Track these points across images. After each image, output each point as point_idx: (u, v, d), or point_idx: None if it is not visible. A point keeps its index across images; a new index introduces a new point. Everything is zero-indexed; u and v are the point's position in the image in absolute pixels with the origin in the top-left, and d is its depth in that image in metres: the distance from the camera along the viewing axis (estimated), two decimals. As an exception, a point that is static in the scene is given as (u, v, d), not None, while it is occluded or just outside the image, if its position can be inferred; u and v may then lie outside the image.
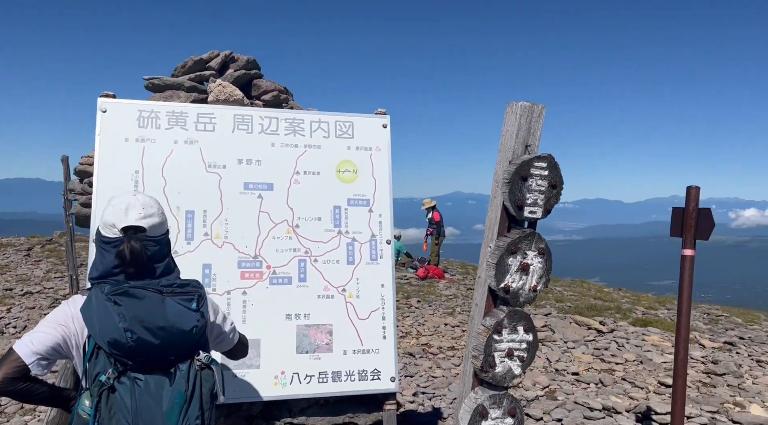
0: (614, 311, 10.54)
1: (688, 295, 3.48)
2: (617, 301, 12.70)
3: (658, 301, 14.11)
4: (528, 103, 2.27)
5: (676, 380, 3.48)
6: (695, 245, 3.42)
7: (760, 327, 11.15)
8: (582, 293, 13.92)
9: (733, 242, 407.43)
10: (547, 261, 2.33)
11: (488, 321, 2.26)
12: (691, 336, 8.69)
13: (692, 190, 3.40)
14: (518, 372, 2.30)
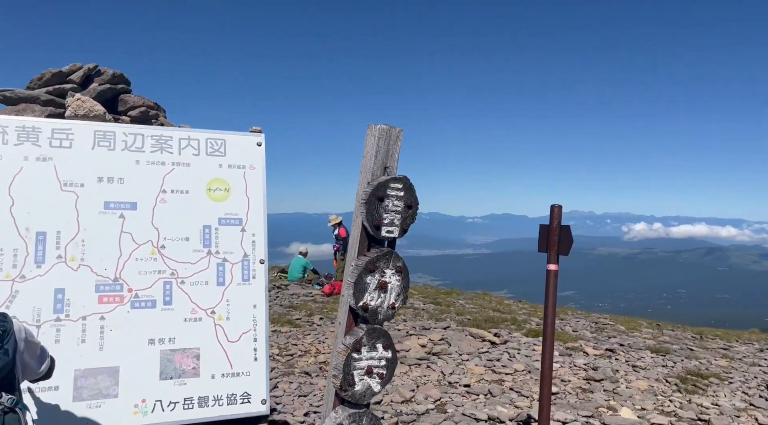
0: (510, 322, 10.98)
1: (552, 308, 3.69)
2: (515, 313, 13.26)
3: (552, 311, 14.90)
4: (386, 127, 2.34)
5: (542, 388, 3.67)
6: (558, 260, 3.64)
7: (640, 333, 12.06)
8: (483, 305, 14.41)
9: (626, 254, 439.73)
10: (404, 279, 2.39)
11: (348, 340, 2.29)
12: (576, 344, 9.24)
13: (555, 208, 3.63)
14: (378, 390, 2.34)
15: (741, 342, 12.48)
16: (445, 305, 13.32)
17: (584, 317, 14.54)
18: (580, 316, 14.80)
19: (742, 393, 6.93)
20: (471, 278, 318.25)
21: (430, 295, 15.37)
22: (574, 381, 6.95)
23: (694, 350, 9.99)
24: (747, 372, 8.33)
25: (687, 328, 15.18)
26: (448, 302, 14.28)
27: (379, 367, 2.33)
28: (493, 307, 14.12)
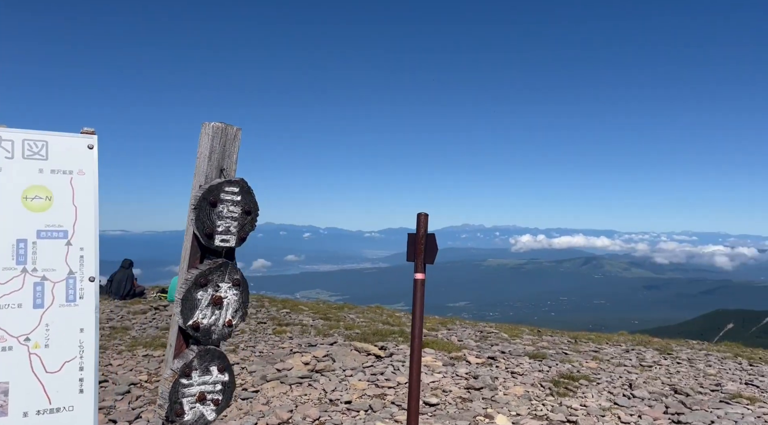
0: (398, 334, 10.97)
1: (420, 318, 3.61)
2: (404, 324, 13.33)
3: (441, 322, 15.17)
4: (222, 124, 2.12)
5: (411, 401, 3.57)
6: (425, 269, 3.58)
7: (521, 340, 12.55)
8: (373, 318, 14.35)
9: (513, 265, 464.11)
10: (243, 293, 2.17)
11: (176, 364, 2.02)
12: (460, 353, 9.39)
13: (422, 217, 3.57)
14: (212, 418, 2.09)
15: (610, 344, 13.40)
16: (335, 321, 13.10)
17: (471, 327, 14.95)
18: (467, 325, 15.20)
19: (607, 392, 7.34)
20: (369, 292, 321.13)
21: (320, 311, 15.08)
22: (455, 391, 6.99)
23: (568, 354, 10.54)
24: (613, 372, 8.89)
25: (564, 333, 16.10)
26: (339, 317, 14.08)
27: (213, 392, 2.08)
28: (383, 320, 14.11)
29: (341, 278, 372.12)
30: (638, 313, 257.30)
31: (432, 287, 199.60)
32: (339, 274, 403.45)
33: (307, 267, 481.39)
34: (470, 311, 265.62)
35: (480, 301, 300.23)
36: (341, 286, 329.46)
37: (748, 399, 7.08)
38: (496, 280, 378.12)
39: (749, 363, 11.64)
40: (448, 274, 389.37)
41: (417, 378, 3.54)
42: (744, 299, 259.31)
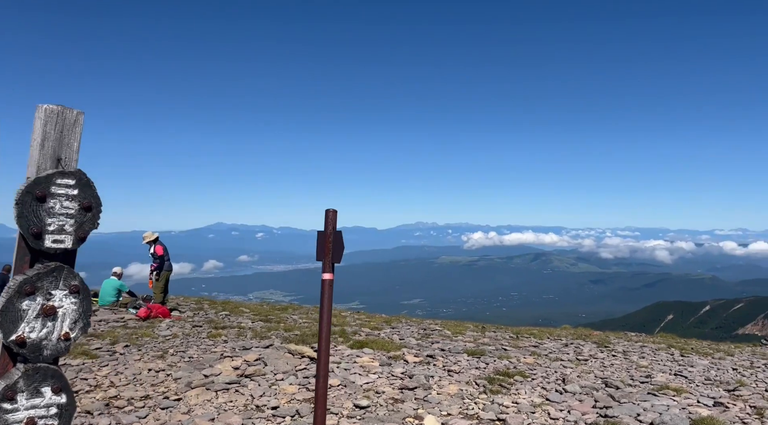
0: (338, 335, 10.75)
1: (327, 319, 3.39)
2: (347, 324, 13.11)
3: (386, 321, 15.03)
4: (58, 107, 1.83)
5: (317, 408, 3.35)
6: (333, 269, 3.36)
7: (463, 337, 12.54)
8: (317, 319, 14.06)
9: (466, 262, 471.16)
10: (84, 301, 1.89)
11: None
12: (399, 352, 9.24)
13: (330, 213, 3.35)
14: (47, 446, 1.80)
15: (551, 339, 13.56)
16: (275, 322, 12.76)
17: (416, 324, 14.87)
18: (412, 323, 15.11)
19: (540, 388, 7.32)
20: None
21: (262, 312, 14.69)
22: (388, 392, 6.82)
23: (508, 349, 10.56)
24: (549, 367, 8.93)
25: (508, 329, 16.24)
26: (281, 318, 13.74)
27: (46, 417, 1.79)
28: (327, 320, 13.83)
29: (295, 278, 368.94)
30: (585, 307, 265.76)
31: (386, 286, 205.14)
32: (293, 274, 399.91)
33: (261, 268, 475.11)
34: (424, 309, 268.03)
35: (434, 298, 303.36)
36: (296, 286, 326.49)
37: (674, 391, 7.21)
38: (449, 277, 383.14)
39: (681, 354, 12.00)
40: (402, 272, 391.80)
41: (324, 381, 3.32)
42: (683, 291, 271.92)
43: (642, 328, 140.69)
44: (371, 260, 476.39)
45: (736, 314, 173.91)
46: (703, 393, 7.29)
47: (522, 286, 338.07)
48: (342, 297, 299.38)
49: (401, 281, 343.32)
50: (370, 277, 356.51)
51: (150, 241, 12.69)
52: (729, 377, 9.05)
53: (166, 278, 12.84)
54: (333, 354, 8.73)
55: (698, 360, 11.01)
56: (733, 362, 11.25)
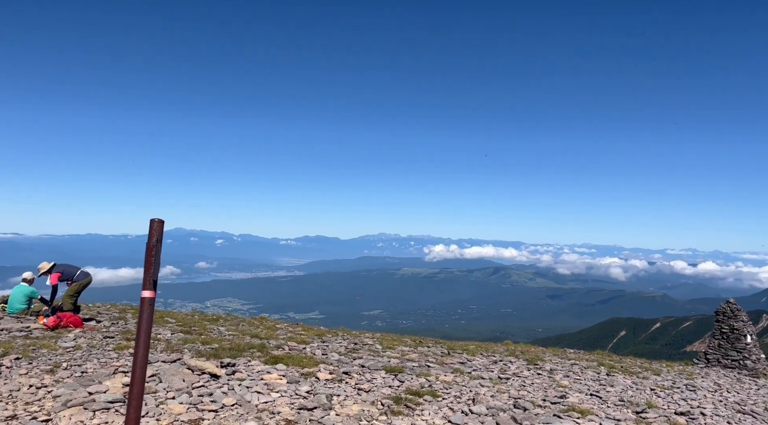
0: (257, 349, 10.32)
1: (145, 343, 3.03)
2: (275, 337, 12.67)
3: (318, 334, 14.63)
4: None
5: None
6: (155, 286, 3.01)
7: (393, 352, 12.25)
8: (244, 331, 13.58)
9: (427, 274, 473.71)
10: None
11: None
12: (314, 369, 8.88)
13: (155, 223, 3.01)
14: None
15: (485, 355, 13.40)
16: (197, 334, 12.22)
17: (352, 338, 14.52)
18: (348, 337, 14.75)
19: (447, 409, 7.08)
20: (282, 300, 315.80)
21: (188, 323, 14.08)
22: (285, 412, 6.46)
23: (431, 366, 10.32)
24: (466, 386, 8.71)
25: (444, 343, 16.05)
26: (206, 329, 13.19)
27: None
28: (257, 333, 13.37)
29: (254, 286, 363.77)
30: (542, 321, 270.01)
31: (347, 296, 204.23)
32: (252, 282, 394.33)
33: (219, 275, 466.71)
34: (384, 320, 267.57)
35: (394, 309, 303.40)
36: (254, 294, 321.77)
37: (580, 413, 7.07)
38: (410, 289, 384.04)
39: (607, 373, 12.00)
40: (363, 282, 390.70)
41: (138, 404, 2.96)
42: (635, 308, 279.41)
43: (596, 344, 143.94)
44: (333, 269, 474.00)
45: (685, 331, 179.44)
46: (609, 415, 7.17)
47: (481, 299, 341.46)
48: (302, 307, 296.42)
49: (362, 291, 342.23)
50: (332, 287, 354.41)
51: (44, 272, 12.10)
52: (643, 398, 9.02)
53: (80, 286, 12.16)
54: (242, 371, 8.32)
55: (621, 380, 11.00)
56: (655, 381, 11.30)
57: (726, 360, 16.86)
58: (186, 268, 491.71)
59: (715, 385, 12.00)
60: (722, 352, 17.09)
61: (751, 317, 18.56)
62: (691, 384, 11.61)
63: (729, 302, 17.69)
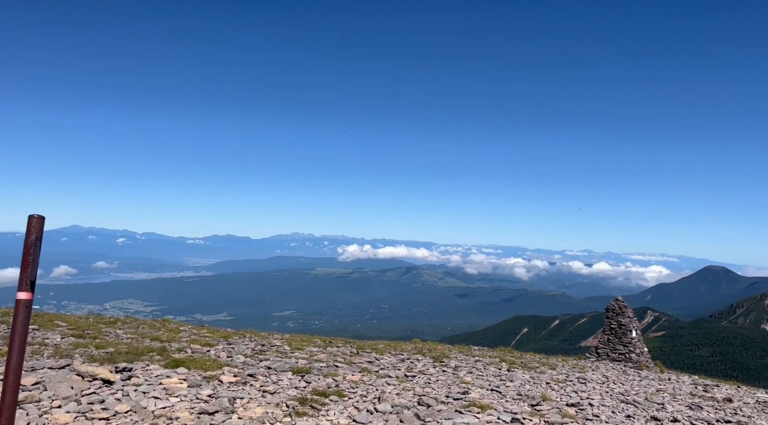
0: (157, 353, 9.83)
1: (20, 349, 2.80)
2: (178, 340, 12.14)
3: (224, 336, 14.19)
4: None
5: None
6: (34, 287, 2.78)
7: (301, 353, 12.11)
8: (145, 334, 12.90)
9: (340, 273, 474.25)
10: None
11: None
12: (218, 371, 8.60)
13: (34, 220, 2.76)
14: None
15: (393, 354, 13.59)
16: (90, 338, 11.45)
17: (259, 339, 14.20)
18: (255, 338, 14.42)
19: (353, 408, 7.11)
20: (189, 301, 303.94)
21: (81, 326, 13.17)
22: (184, 418, 6.21)
23: (339, 366, 10.31)
24: (373, 384, 8.78)
25: (354, 343, 16.10)
26: (102, 333, 12.40)
27: None
28: (157, 335, 12.73)
29: (159, 287, 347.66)
30: (451, 320, 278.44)
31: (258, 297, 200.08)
32: (157, 283, 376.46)
33: (120, 275, 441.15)
34: (296, 321, 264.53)
35: (306, 310, 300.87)
36: (158, 296, 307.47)
37: (480, 407, 7.35)
38: (323, 289, 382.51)
39: (508, 369, 12.55)
40: (275, 283, 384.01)
41: (9, 422, 2.72)
42: (537, 306, 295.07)
43: (500, 341, 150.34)
44: (244, 270, 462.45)
45: (581, 327, 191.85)
46: (507, 409, 7.50)
47: (393, 299, 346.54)
48: (210, 309, 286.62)
49: (274, 292, 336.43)
50: (242, 288, 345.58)
51: None
52: (539, 391, 9.52)
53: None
54: (139, 376, 7.89)
55: (520, 375, 11.55)
56: (551, 376, 11.97)
57: (614, 353, 18.18)
58: (83, 268, 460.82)
59: (603, 377, 12.89)
60: (611, 346, 18.41)
61: (637, 314, 20.16)
62: (583, 377, 12.39)
63: (617, 300, 19.08)
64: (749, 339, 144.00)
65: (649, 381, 13.27)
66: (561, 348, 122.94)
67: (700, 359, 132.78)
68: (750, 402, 11.35)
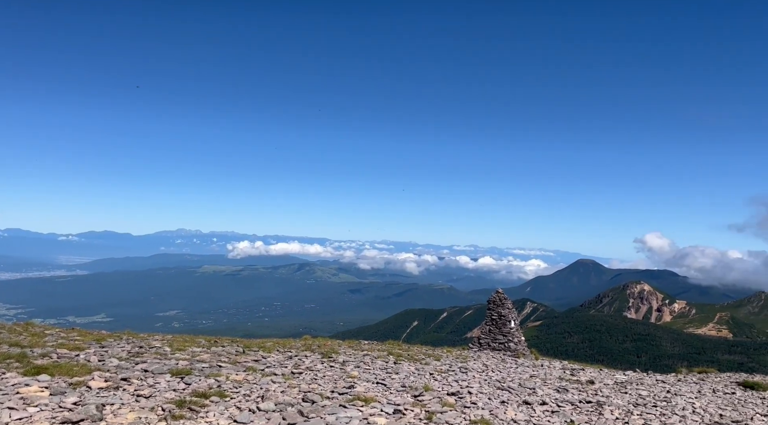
0: (15, 359, 8.93)
1: None
2: (40, 345, 11.11)
3: (98, 339, 13.21)
4: None
5: None
6: None
7: (183, 354, 11.55)
8: (1, 339, 11.67)
9: (230, 271, 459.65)
10: None
11: None
12: (86, 377, 7.99)
13: None
14: None
15: (282, 351, 13.37)
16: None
17: (139, 341, 13.37)
18: (133, 339, 13.56)
19: (235, 408, 6.91)
20: (61, 303, 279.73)
21: None
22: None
23: (223, 366, 9.97)
24: (258, 383, 8.58)
25: (242, 342, 15.65)
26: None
27: None
28: (14, 341, 11.56)
29: (25, 288, 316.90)
30: (344, 315, 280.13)
31: (140, 296, 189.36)
32: (22, 283, 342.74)
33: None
34: (181, 320, 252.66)
35: (193, 309, 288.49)
36: (24, 297, 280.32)
37: (364, 401, 7.45)
38: (211, 287, 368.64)
39: (395, 362, 12.83)
40: (159, 282, 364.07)
41: None
42: (427, 299, 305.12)
43: (392, 334, 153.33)
44: (124, 268, 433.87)
45: (467, 319, 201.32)
46: (390, 401, 7.68)
47: (286, 296, 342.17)
48: (85, 310, 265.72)
49: (158, 291, 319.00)
50: (122, 287, 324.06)
51: None
52: (423, 382, 9.84)
53: None
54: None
55: (406, 367, 11.86)
56: (435, 367, 12.41)
57: (495, 343, 19.22)
58: None
59: (483, 366, 13.59)
60: (492, 336, 19.44)
61: (517, 305, 21.57)
62: (464, 366, 12.98)
63: (498, 293, 20.19)
64: (613, 326, 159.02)
65: (524, 368, 14.17)
66: (449, 340, 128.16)
67: (572, 345, 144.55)
68: (609, 383, 12.49)
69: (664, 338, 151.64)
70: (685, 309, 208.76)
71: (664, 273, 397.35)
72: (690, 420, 8.48)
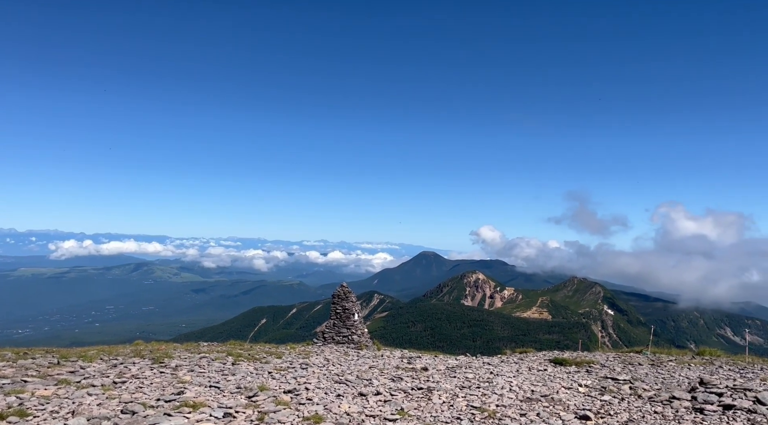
0: None
1: None
2: None
3: None
4: None
5: None
6: None
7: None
8: None
9: (52, 274, 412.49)
10: None
11: None
12: None
13: None
14: None
15: (108, 359, 12.21)
16: None
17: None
18: None
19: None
20: None
21: None
22: None
23: (29, 381, 8.83)
24: (70, 397, 7.72)
25: (58, 351, 14.02)
26: None
27: None
28: None
29: None
30: (186, 316, 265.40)
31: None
32: None
33: None
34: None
35: (6, 318, 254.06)
36: None
37: (192, 407, 7.06)
38: (29, 292, 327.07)
39: (233, 362, 12.37)
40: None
41: None
42: (276, 296, 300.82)
43: (238, 333, 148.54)
44: None
45: (316, 314, 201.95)
46: (222, 404, 7.36)
47: (120, 298, 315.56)
48: None
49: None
50: None
51: None
52: (260, 382, 9.60)
53: None
54: None
55: (245, 367, 11.49)
56: (275, 365, 12.19)
57: (339, 336, 19.45)
58: None
59: (325, 360, 13.66)
60: (336, 330, 19.65)
61: (365, 297, 22.03)
62: (306, 362, 12.94)
63: (342, 286, 20.46)
64: (452, 314, 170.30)
65: (365, 360, 14.50)
66: (298, 336, 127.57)
67: (416, 334, 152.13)
68: (442, 368, 13.25)
69: (495, 322, 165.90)
70: (513, 295, 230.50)
71: (496, 263, 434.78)
72: (506, 398, 9.29)
